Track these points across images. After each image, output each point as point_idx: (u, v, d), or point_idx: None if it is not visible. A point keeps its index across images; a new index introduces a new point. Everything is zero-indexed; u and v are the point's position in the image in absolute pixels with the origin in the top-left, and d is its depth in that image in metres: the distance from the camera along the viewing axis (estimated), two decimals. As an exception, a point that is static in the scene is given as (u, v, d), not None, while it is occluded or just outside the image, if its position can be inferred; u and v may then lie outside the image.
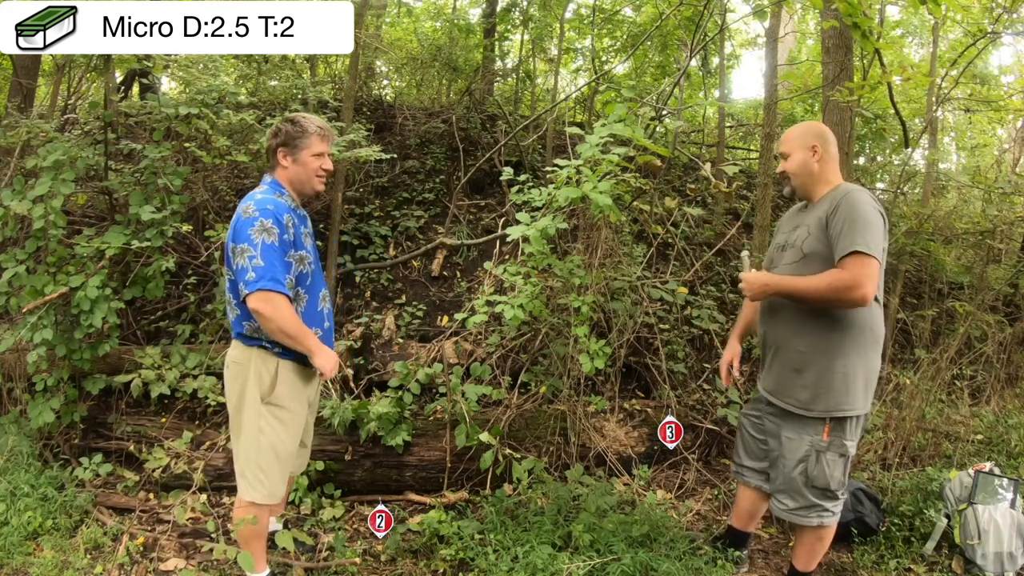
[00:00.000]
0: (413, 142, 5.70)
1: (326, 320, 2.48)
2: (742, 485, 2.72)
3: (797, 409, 2.35)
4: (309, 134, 2.35)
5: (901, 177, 5.83)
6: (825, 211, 2.29)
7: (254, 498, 2.33)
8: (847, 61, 4.41)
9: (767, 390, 2.51)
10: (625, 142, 2.72)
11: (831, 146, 2.41)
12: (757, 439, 2.62)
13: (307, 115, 2.42)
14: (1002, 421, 4.04)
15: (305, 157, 2.36)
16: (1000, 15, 4.63)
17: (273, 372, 2.31)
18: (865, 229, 2.16)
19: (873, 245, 2.14)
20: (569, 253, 3.78)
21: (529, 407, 3.51)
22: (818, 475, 2.32)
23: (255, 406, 2.30)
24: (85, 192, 3.93)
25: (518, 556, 2.63)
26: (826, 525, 2.40)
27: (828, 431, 2.30)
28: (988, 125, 8.28)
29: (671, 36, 5.95)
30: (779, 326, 2.43)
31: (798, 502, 2.38)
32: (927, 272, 5.22)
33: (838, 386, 2.28)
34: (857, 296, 2.13)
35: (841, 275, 2.15)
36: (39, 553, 2.73)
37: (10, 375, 3.47)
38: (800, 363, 2.34)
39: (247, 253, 2.17)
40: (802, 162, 2.40)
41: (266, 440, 2.31)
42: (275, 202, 2.27)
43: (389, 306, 4.34)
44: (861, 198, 2.24)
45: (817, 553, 2.49)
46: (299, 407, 2.41)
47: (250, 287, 2.15)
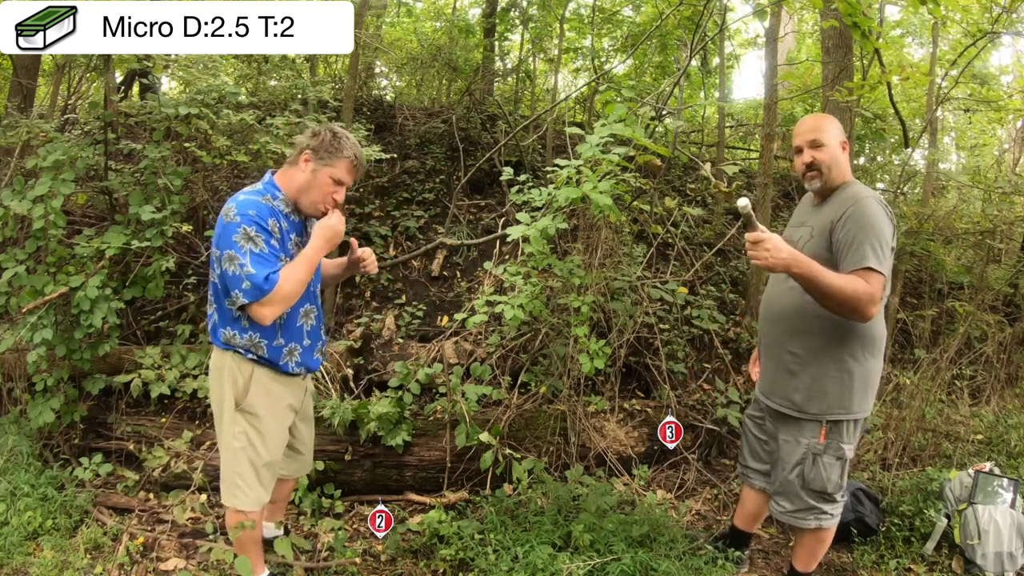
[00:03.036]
0: (413, 142, 5.71)
1: (306, 337, 2.34)
2: (747, 486, 2.71)
3: (790, 411, 2.33)
4: (343, 157, 2.19)
5: (901, 177, 5.83)
6: (832, 217, 2.20)
7: (235, 504, 2.27)
8: (847, 61, 4.42)
9: (762, 391, 2.50)
10: (625, 142, 2.72)
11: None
12: (761, 440, 2.61)
13: (351, 137, 2.25)
14: (1002, 421, 4.03)
15: (324, 176, 2.19)
16: (1000, 15, 4.63)
17: (247, 378, 2.22)
18: (877, 243, 2.09)
19: (884, 261, 2.09)
20: (569, 253, 3.78)
21: (529, 407, 3.51)
22: (815, 478, 2.30)
23: (230, 412, 2.23)
24: (85, 192, 3.93)
25: (518, 556, 2.63)
26: (824, 527, 2.39)
27: (825, 434, 2.28)
28: (988, 125, 8.28)
29: (671, 36, 5.95)
30: (776, 326, 2.40)
31: (795, 504, 2.37)
32: (927, 272, 5.22)
33: (833, 389, 2.24)
34: (870, 313, 2.07)
35: (866, 288, 2.04)
36: (39, 553, 2.73)
37: (10, 375, 3.47)
38: (795, 365, 2.31)
39: (236, 261, 2.06)
40: (835, 156, 2.28)
41: (239, 446, 2.23)
42: (258, 205, 2.12)
43: (389, 306, 4.34)
44: (873, 208, 2.15)
45: (817, 554, 2.49)
46: (275, 415, 2.30)
47: (248, 296, 2.06)
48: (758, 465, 2.63)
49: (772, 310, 2.43)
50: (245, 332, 2.20)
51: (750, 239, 2.00)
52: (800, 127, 2.36)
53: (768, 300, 2.48)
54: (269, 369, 2.26)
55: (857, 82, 3.96)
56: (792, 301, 2.30)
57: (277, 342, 2.25)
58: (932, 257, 5.22)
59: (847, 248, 2.12)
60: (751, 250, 2.01)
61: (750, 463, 2.66)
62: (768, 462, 2.59)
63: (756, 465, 2.64)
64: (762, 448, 2.61)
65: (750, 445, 2.66)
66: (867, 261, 2.07)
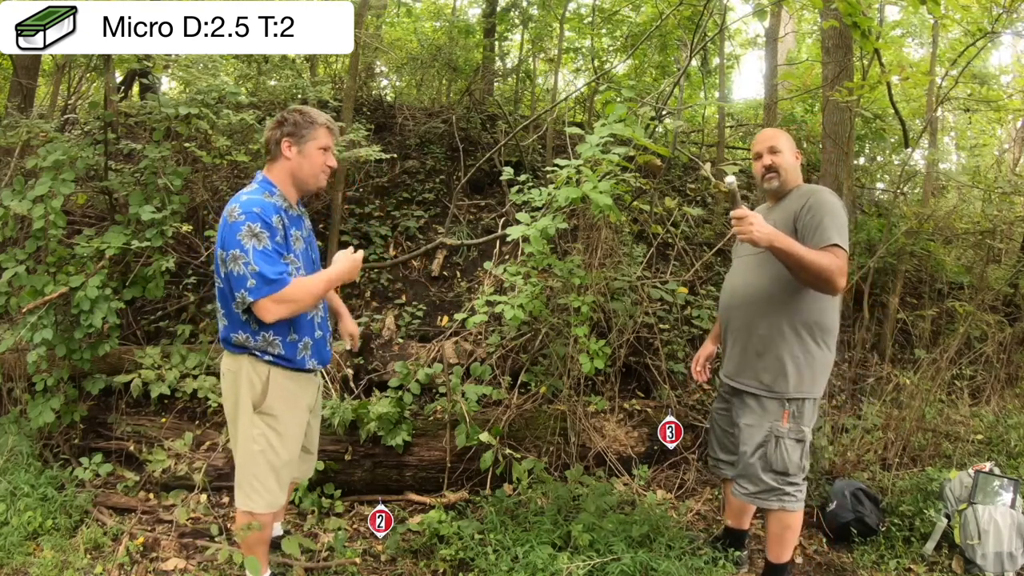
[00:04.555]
0: (413, 142, 5.70)
1: (317, 329, 2.36)
2: (724, 480, 2.81)
3: (758, 390, 2.44)
4: (318, 125, 2.24)
5: (901, 177, 5.83)
6: (794, 208, 2.39)
7: (251, 508, 2.26)
8: (847, 61, 4.41)
9: (728, 375, 2.61)
10: (625, 142, 2.72)
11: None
12: (728, 432, 2.71)
13: (313, 108, 2.31)
14: (1002, 421, 4.03)
15: (311, 149, 2.24)
16: (1000, 15, 4.63)
17: (264, 380, 2.22)
18: (840, 225, 2.30)
19: (845, 240, 2.29)
20: (569, 253, 3.78)
21: (529, 407, 3.51)
22: (777, 459, 2.41)
23: (247, 415, 2.22)
24: (85, 192, 3.93)
25: (518, 556, 2.63)
26: (788, 510, 2.45)
27: (787, 416, 2.40)
28: (988, 125, 8.27)
29: (671, 36, 5.95)
30: (743, 311, 2.52)
31: (758, 486, 2.46)
32: (927, 272, 5.22)
33: (795, 370, 2.39)
34: (840, 284, 2.24)
35: (836, 261, 2.23)
36: (39, 553, 2.73)
37: (10, 375, 3.47)
38: (761, 346, 2.44)
39: (241, 260, 2.05)
40: (790, 162, 2.54)
41: (258, 449, 2.22)
42: (262, 203, 2.13)
43: (389, 306, 4.34)
44: (831, 197, 2.39)
45: (787, 542, 2.52)
46: (294, 415, 2.31)
47: (254, 295, 2.06)
48: (727, 456, 2.73)
49: (738, 296, 2.57)
50: (257, 334, 2.19)
51: (736, 215, 2.19)
52: (759, 137, 2.63)
53: (733, 287, 2.62)
54: (285, 369, 2.26)
55: (857, 82, 3.96)
56: (760, 286, 2.46)
57: (291, 338, 2.25)
58: (932, 257, 5.21)
59: (813, 230, 2.30)
60: (737, 225, 2.19)
61: (720, 455, 2.77)
62: (736, 452, 2.66)
63: (725, 456, 2.74)
64: (729, 440, 2.70)
65: (718, 438, 2.78)
66: (833, 239, 2.26)
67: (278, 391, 2.24)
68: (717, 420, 2.78)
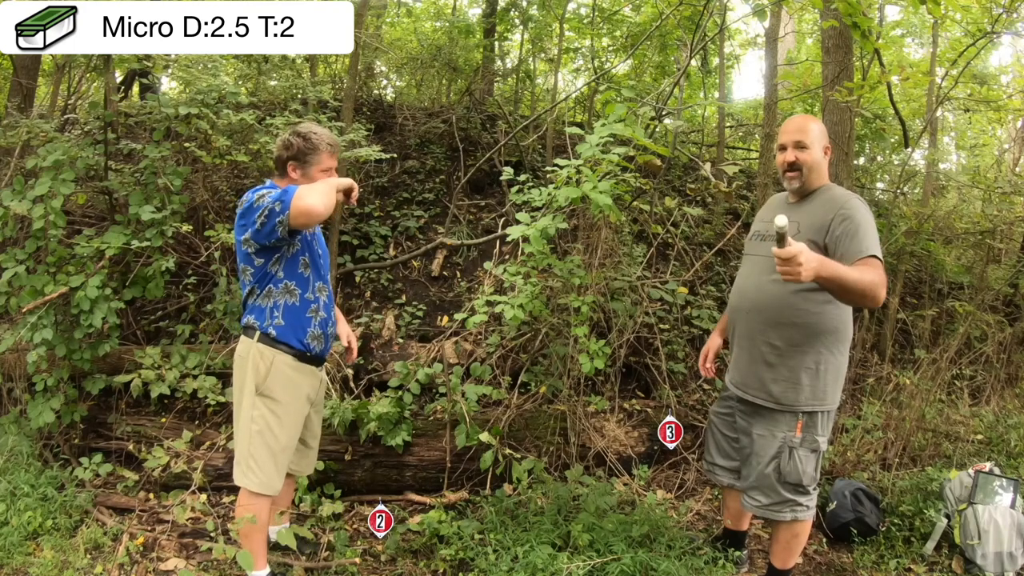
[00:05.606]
0: (413, 142, 5.70)
1: (322, 309, 2.48)
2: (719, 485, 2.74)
3: (767, 402, 2.35)
4: (320, 151, 2.39)
5: (901, 177, 5.83)
6: (825, 218, 2.25)
7: (247, 485, 2.36)
8: (847, 61, 4.41)
9: (735, 384, 2.50)
10: (625, 142, 2.72)
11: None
12: (729, 437, 2.62)
13: (316, 129, 2.43)
14: (1002, 421, 4.04)
15: (315, 173, 2.39)
16: (1000, 15, 4.63)
17: (268, 365, 2.35)
18: (875, 235, 2.19)
19: (880, 251, 2.17)
20: (569, 253, 3.78)
21: (529, 407, 3.51)
22: (791, 471, 2.33)
23: (250, 396, 2.35)
24: (85, 192, 3.93)
25: (518, 556, 2.63)
26: (800, 520, 2.41)
27: (801, 427, 2.31)
28: (988, 125, 8.28)
29: (671, 36, 5.95)
30: (753, 317, 2.39)
31: (771, 498, 2.39)
32: (927, 272, 5.22)
33: (809, 381, 2.29)
34: (881, 297, 2.09)
35: (878, 274, 2.09)
36: (39, 553, 2.73)
37: (10, 375, 3.47)
38: (773, 356, 2.33)
39: (264, 199, 2.18)
40: (817, 160, 2.36)
41: (257, 429, 2.35)
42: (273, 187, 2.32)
43: (389, 306, 4.34)
44: (863, 206, 2.26)
45: (793, 549, 2.49)
46: (293, 401, 2.42)
47: (284, 208, 2.15)
48: (725, 462, 2.65)
49: (748, 300, 2.42)
50: (280, 282, 2.35)
51: (783, 256, 1.87)
52: (787, 125, 2.42)
53: (743, 290, 2.47)
54: (289, 356, 2.38)
55: (857, 82, 3.96)
56: (774, 293, 2.31)
57: (308, 295, 2.41)
58: (932, 257, 5.22)
59: (849, 240, 2.17)
60: (782, 266, 1.90)
61: (717, 460, 2.68)
62: (736, 459, 2.60)
63: (723, 462, 2.66)
64: (730, 445, 2.62)
65: (717, 442, 2.68)
66: (871, 250, 2.14)
67: (280, 377, 2.37)
68: (717, 424, 2.67)
